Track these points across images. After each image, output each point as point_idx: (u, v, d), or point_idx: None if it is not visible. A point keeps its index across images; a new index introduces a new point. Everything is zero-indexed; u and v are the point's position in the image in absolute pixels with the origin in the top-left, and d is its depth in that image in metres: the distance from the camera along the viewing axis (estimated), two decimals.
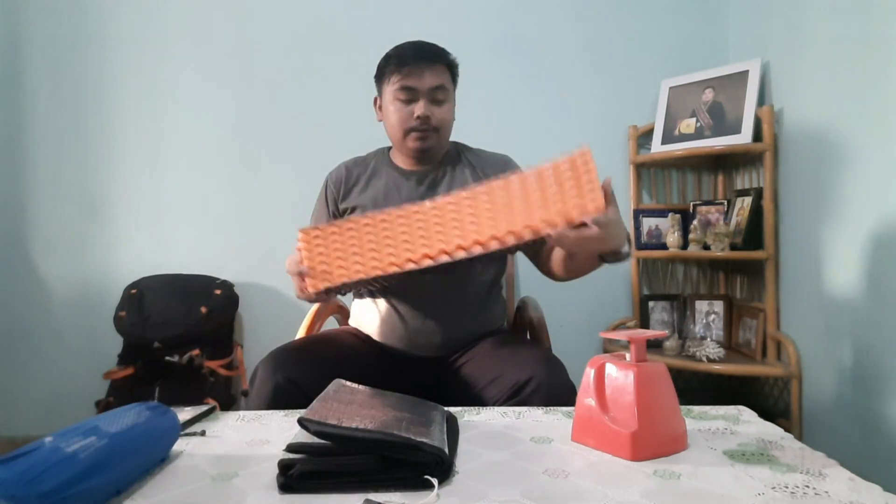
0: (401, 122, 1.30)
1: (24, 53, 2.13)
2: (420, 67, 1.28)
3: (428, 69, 1.28)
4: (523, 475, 0.73)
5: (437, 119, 1.30)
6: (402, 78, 1.28)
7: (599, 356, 0.85)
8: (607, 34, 2.15)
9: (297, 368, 1.12)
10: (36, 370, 2.14)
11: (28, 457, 0.62)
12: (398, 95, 1.29)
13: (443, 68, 1.31)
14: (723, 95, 1.92)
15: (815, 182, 1.64)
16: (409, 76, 1.28)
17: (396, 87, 1.29)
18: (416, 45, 1.32)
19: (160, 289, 2.00)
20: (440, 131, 1.32)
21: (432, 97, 1.29)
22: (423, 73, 1.28)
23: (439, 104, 1.31)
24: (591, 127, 2.15)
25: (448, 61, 1.33)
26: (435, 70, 1.29)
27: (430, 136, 1.31)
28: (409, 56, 1.29)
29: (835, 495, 0.66)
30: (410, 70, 1.28)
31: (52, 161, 2.14)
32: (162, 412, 0.80)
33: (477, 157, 1.41)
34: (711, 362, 1.77)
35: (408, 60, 1.28)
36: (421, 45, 1.32)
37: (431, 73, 1.29)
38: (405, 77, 1.28)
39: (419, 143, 1.31)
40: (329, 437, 0.70)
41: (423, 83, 1.28)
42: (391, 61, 1.30)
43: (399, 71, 1.28)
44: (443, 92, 1.30)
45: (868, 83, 1.44)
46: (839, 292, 1.55)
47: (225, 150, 2.16)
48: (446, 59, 1.33)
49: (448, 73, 1.33)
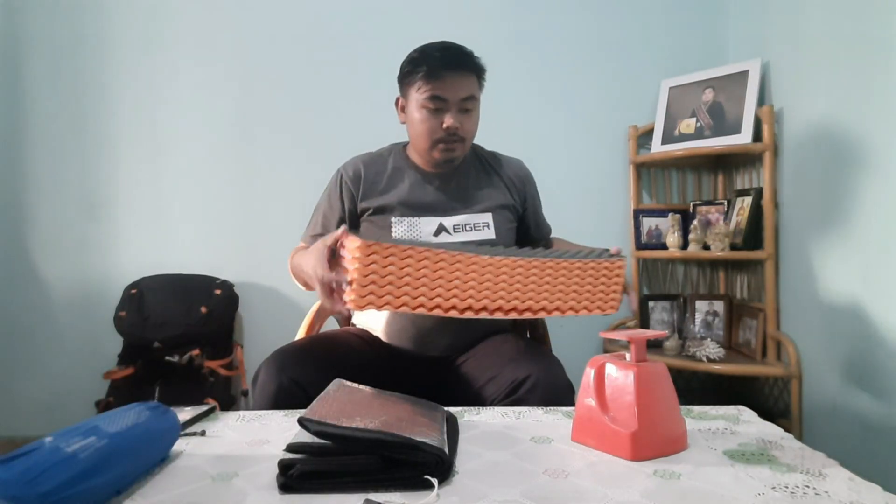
0: (429, 133, 1.27)
1: (24, 53, 2.13)
2: (452, 77, 1.24)
3: (459, 79, 1.25)
4: (523, 475, 0.73)
5: (465, 130, 1.28)
6: (432, 88, 1.24)
7: (599, 356, 0.85)
8: (607, 34, 2.15)
9: (299, 369, 1.12)
10: (36, 370, 2.14)
11: (28, 457, 0.62)
12: (426, 104, 1.25)
13: (473, 77, 1.28)
14: (723, 95, 1.92)
15: (815, 182, 1.64)
16: (439, 86, 1.24)
17: (425, 96, 1.25)
18: (447, 52, 1.26)
19: (160, 289, 2.00)
20: (466, 140, 1.30)
21: (462, 107, 1.26)
22: (454, 83, 1.24)
23: (468, 113, 1.28)
24: (591, 127, 2.15)
25: (477, 68, 1.29)
26: (466, 80, 1.26)
27: (457, 147, 1.29)
28: (440, 65, 1.24)
29: (835, 495, 0.66)
30: (442, 80, 1.24)
31: (52, 161, 2.14)
32: (162, 412, 0.80)
33: (497, 161, 1.42)
34: (711, 362, 1.77)
35: (439, 70, 1.24)
36: (451, 52, 1.27)
37: (462, 84, 1.25)
38: (435, 87, 1.24)
39: (446, 153, 1.29)
40: (329, 436, 0.70)
41: (455, 94, 1.24)
42: (420, 67, 1.25)
43: (429, 80, 1.24)
44: (472, 101, 1.27)
45: (868, 83, 1.44)
46: (839, 292, 1.55)
47: (225, 149, 2.16)
48: (476, 67, 1.28)
49: (477, 81, 1.29)
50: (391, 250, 0.97)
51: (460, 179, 1.36)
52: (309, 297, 1.68)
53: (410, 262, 0.97)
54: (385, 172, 1.36)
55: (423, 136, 1.28)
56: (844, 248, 1.52)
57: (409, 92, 1.29)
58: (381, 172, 1.36)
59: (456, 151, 1.29)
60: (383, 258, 0.96)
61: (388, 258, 0.96)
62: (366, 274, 0.95)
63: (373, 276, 0.95)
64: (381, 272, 0.96)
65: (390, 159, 1.38)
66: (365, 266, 0.95)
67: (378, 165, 1.37)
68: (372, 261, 0.95)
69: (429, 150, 1.29)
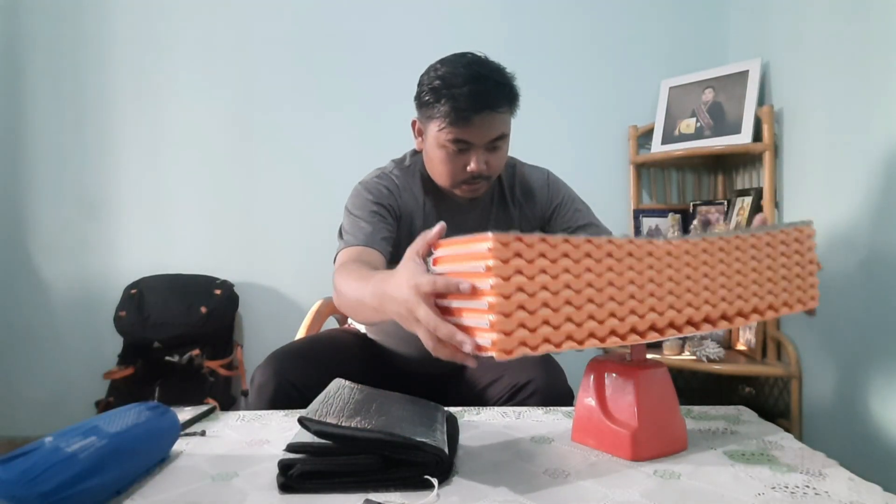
0: (451, 175, 1.09)
1: (25, 53, 2.13)
2: (483, 120, 1.03)
3: (490, 120, 1.04)
4: (523, 475, 0.73)
5: (492, 168, 1.09)
6: (456, 132, 1.04)
7: (599, 356, 0.85)
8: (607, 34, 2.15)
9: (296, 370, 1.11)
10: (36, 370, 2.14)
11: (28, 457, 0.62)
12: (447, 146, 1.06)
13: (507, 113, 1.07)
14: (723, 95, 1.92)
15: (815, 182, 1.64)
16: (465, 131, 1.04)
17: (448, 137, 1.04)
18: (476, 90, 1.01)
19: (160, 289, 2.00)
20: (493, 177, 1.13)
21: (491, 146, 1.07)
22: (482, 125, 1.03)
23: (497, 151, 1.09)
24: (591, 127, 2.15)
25: (512, 99, 1.07)
26: (498, 119, 1.05)
27: (481, 186, 1.12)
28: (467, 107, 1.01)
29: (835, 495, 0.66)
30: (469, 124, 1.02)
31: (52, 161, 2.14)
32: (162, 412, 0.80)
33: (516, 174, 1.25)
34: (711, 362, 1.77)
35: (467, 112, 1.01)
36: (482, 91, 1.02)
37: (493, 125, 1.04)
38: (460, 132, 1.04)
39: (470, 193, 1.13)
40: (329, 436, 0.70)
41: (483, 138, 1.05)
42: (441, 104, 1.03)
43: (453, 123, 1.03)
44: (503, 139, 1.08)
45: (868, 83, 1.44)
46: (839, 292, 1.54)
47: (225, 149, 2.16)
48: (512, 99, 1.07)
49: (510, 114, 1.09)
50: (540, 247, 0.63)
51: (484, 203, 1.22)
52: (309, 297, 1.69)
53: (568, 259, 0.66)
54: (412, 189, 1.18)
55: (442, 177, 1.12)
56: (844, 248, 1.52)
57: (427, 124, 1.10)
58: (409, 188, 1.19)
59: (480, 191, 1.13)
60: (530, 258, 0.63)
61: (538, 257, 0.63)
62: (508, 294, 0.61)
63: (517, 293, 0.62)
64: (528, 285, 0.62)
65: (404, 183, 1.19)
66: (505, 280, 0.61)
67: (407, 179, 1.19)
68: (516, 269, 0.62)
69: (449, 189, 1.14)
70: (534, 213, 1.24)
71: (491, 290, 0.60)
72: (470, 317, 0.64)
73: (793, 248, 0.82)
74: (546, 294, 0.63)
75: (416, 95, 1.11)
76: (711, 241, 0.76)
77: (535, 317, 0.63)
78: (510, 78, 1.08)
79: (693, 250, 0.74)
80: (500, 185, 1.24)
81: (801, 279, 0.83)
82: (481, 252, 0.62)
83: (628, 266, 0.69)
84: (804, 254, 0.84)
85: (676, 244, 0.73)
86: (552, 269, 0.64)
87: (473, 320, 0.63)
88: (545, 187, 1.25)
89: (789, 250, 0.81)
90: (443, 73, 1.06)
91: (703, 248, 0.75)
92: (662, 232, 2.04)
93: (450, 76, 1.04)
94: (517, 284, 0.62)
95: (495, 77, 1.06)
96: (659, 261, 0.71)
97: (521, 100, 1.11)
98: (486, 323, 0.61)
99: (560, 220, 1.24)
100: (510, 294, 0.61)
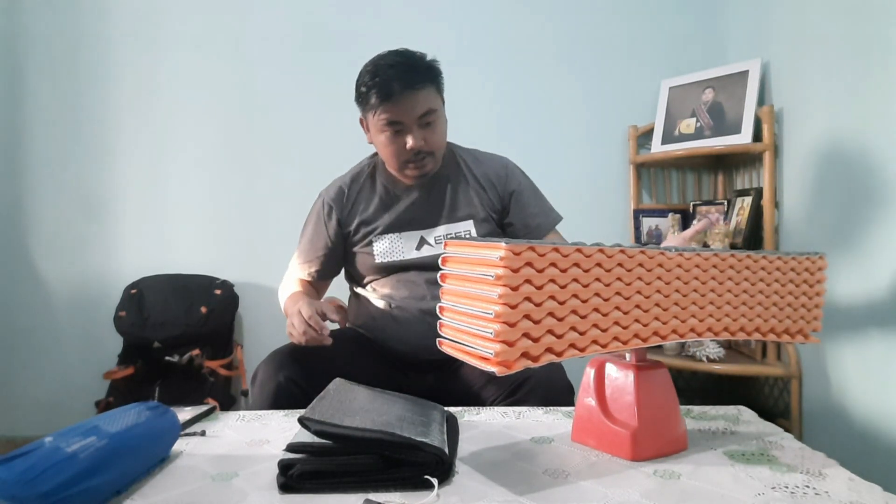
0: (395, 155, 1.23)
1: (25, 52, 2.13)
2: (405, 97, 1.17)
3: (413, 97, 1.18)
4: (523, 475, 0.73)
5: (431, 144, 1.23)
6: (387, 112, 1.19)
7: (599, 356, 0.84)
8: (607, 34, 2.15)
9: (298, 368, 1.12)
10: (36, 370, 2.14)
11: (28, 457, 0.63)
12: (385, 129, 1.21)
13: (429, 89, 1.21)
14: (723, 95, 1.92)
15: (815, 182, 1.64)
16: (394, 110, 1.18)
17: (383, 120, 1.20)
18: (397, 70, 1.18)
19: (160, 289, 2.00)
20: (436, 153, 1.26)
21: (422, 123, 1.21)
22: (408, 102, 1.18)
23: (431, 127, 1.22)
24: (591, 127, 2.15)
25: (433, 77, 1.22)
26: (421, 95, 1.19)
27: (427, 163, 1.25)
28: (391, 86, 1.17)
29: (835, 495, 0.66)
30: (395, 103, 1.18)
31: (52, 161, 2.14)
32: (162, 412, 0.80)
33: (475, 160, 1.37)
34: (711, 362, 1.77)
35: (392, 92, 1.17)
36: (402, 69, 1.19)
37: (418, 101, 1.18)
38: (390, 111, 1.19)
39: (418, 171, 1.26)
40: (329, 436, 0.70)
41: (411, 114, 1.19)
42: (372, 91, 1.19)
43: (383, 104, 1.18)
44: (433, 114, 1.21)
45: (868, 83, 1.44)
46: (839, 292, 1.54)
47: (225, 149, 2.16)
48: (431, 76, 1.22)
49: (435, 90, 1.23)
50: (552, 257, 0.63)
51: (440, 188, 1.32)
52: None
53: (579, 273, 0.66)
54: (364, 190, 1.34)
55: (390, 159, 1.26)
56: (844, 248, 1.52)
57: (367, 115, 1.25)
58: (361, 191, 1.34)
59: (427, 167, 1.26)
60: (540, 266, 0.62)
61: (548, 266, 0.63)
62: (515, 304, 0.61)
63: (524, 303, 0.62)
64: (537, 297, 0.63)
65: (368, 176, 1.36)
66: (514, 290, 0.61)
67: (357, 184, 1.35)
68: (525, 278, 0.61)
69: (399, 171, 1.27)
70: (490, 197, 1.33)
71: (498, 300, 0.61)
72: (474, 323, 0.65)
73: (802, 276, 0.85)
74: (553, 304, 0.64)
75: (355, 95, 1.26)
76: (723, 258, 0.78)
77: (539, 326, 0.64)
78: (429, 60, 1.24)
79: (704, 265, 0.76)
80: (458, 167, 1.35)
81: (806, 309, 0.86)
82: (492, 260, 0.62)
83: (637, 276, 0.71)
84: (812, 284, 0.86)
85: (688, 257, 0.75)
86: (562, 278, 0.64)
87: (477, 327, 0.64)
88: (504, 174, 1.35)
89: (798, 279, 0.84)
90: (370, 67, 1.22)
91: (713, 264, 0.77)
92: (662, 232, 2.04)
93: (375, 68, 1.21)
94: (525, 294, 0.62)
95: (413, 60, 1.21)
96: (668, 272, 0.73)
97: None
98: (491, 332, 0.62)
99: (517, 211, 1.34)
100: (517, 304, 0.62)
